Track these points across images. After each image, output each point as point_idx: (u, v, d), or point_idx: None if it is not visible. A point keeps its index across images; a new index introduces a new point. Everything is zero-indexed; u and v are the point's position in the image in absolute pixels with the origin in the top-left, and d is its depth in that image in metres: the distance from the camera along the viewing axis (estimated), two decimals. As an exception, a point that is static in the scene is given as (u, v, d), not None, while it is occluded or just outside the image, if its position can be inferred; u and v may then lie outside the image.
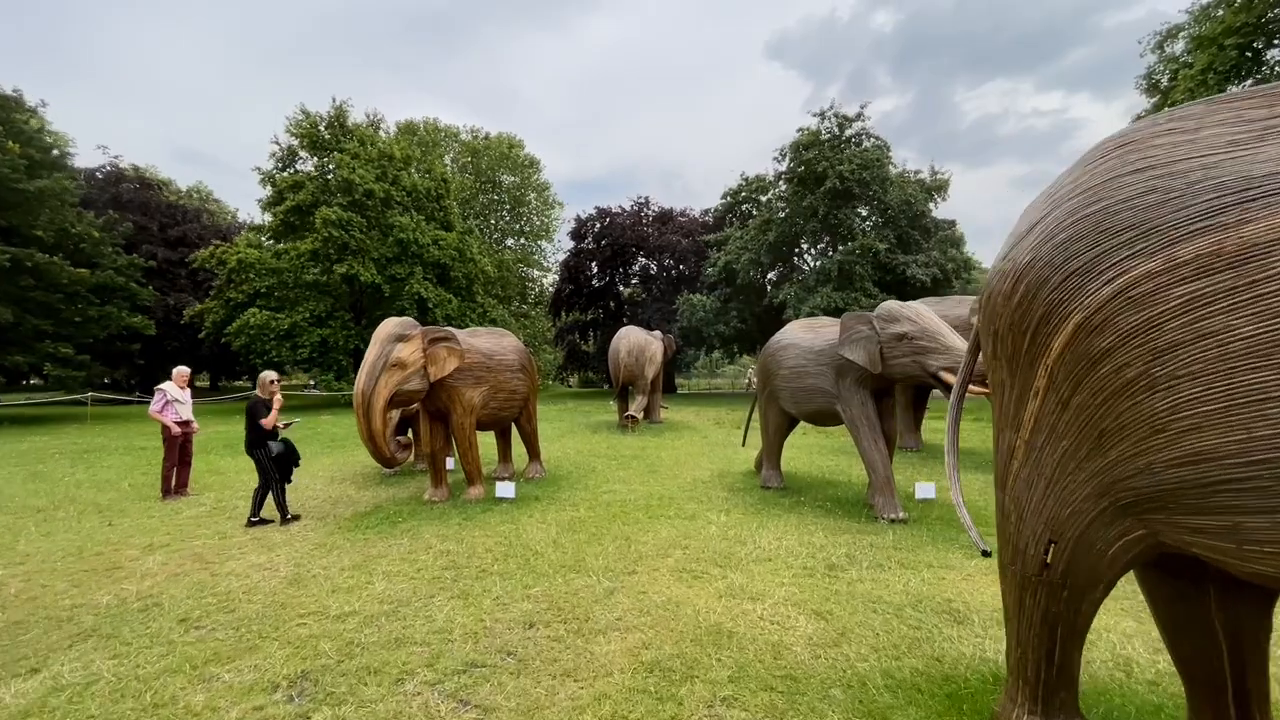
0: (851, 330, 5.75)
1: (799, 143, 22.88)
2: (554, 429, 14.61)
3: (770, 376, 6.98)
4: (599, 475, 8.32)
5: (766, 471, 7.33)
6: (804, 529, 5.42)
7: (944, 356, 5.10)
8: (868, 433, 5.83)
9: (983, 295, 2.24)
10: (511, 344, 7.53)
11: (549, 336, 37.23)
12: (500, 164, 39.15)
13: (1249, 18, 19.58)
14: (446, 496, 6.81)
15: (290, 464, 6.01)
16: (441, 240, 26.50)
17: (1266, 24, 19.81)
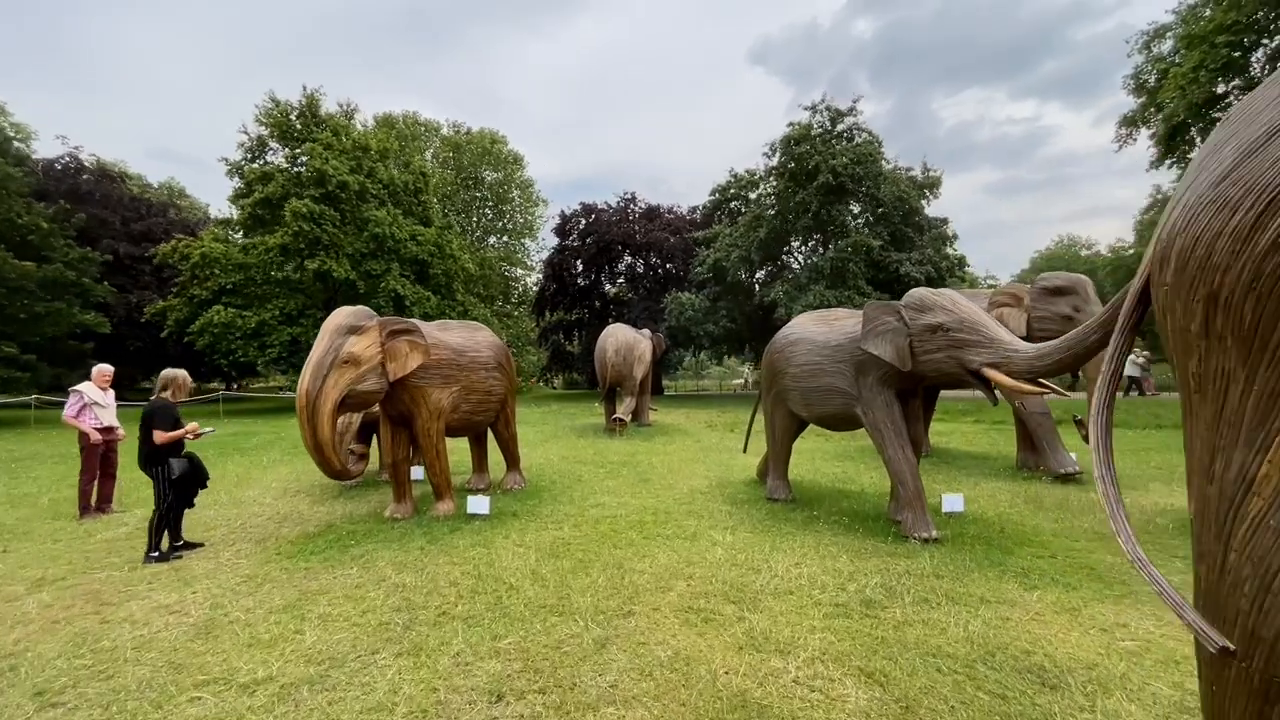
0: (876, 321, 5.02)
1: (790, 137, 22.28)
2: (537, 433, 13.75)
3: (778, 375, 6.24)
4: (585, 485, 7.51)
5: (773, 481, 6.58)
6: (824, 551, 4.67)
7: (987, 351, 4.39)
8: (894, 439, 5.10)
9: (1170, 239, 1.50)
10: (486, 339, 6.70)
11: (533, 337, 36.27)
12: (482, 160, 38.11)
13: (1239, 16, 19.40)
14: (410, 513, 5.96)
15: (195, 486, 5.04)
16: (420, 236, 25.47)
17: (1255, 22, 19.65)
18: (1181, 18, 22.76)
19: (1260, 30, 20.00)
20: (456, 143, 37.81)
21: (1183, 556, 4.33)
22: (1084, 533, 5.03)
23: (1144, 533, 4.99)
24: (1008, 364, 4.25)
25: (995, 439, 11.40)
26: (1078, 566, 4.19)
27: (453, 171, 38.18)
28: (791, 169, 22.30)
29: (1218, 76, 20.46)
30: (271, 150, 25.26)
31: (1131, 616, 3.33)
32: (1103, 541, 4.78)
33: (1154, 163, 25.54)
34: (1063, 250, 56.91)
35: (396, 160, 27.59)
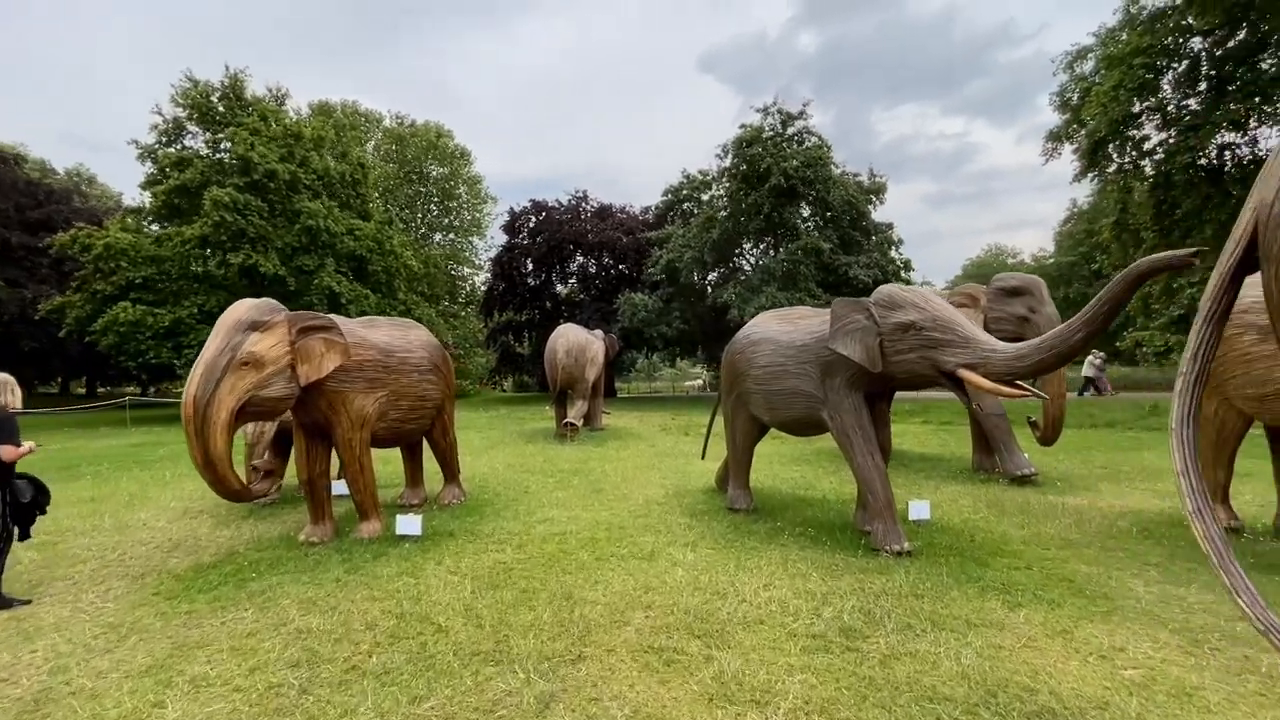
0: (845, 320, 4.70)
1: (742, 138, 22.26)
2: (482, 439, 12.98)
3: (739, 378, 5.86)
4: (532, 498, 6.92)
5: (733, 490, 6.19)
6: (793, 569, 4.29)
7: (963, 351, 4.13)
8: (862, 445, 4.79)
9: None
10: (420, 338, 6.02)
11: (480, 338, 35.04)
12: (427, 154, 36.59)
13: (1153, 40, 20.69)
14: (330, 536, 5.23)
15: (34, 514, 4.10)
16: (358, 230, 24.04)
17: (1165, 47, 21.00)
18: (1101, 40, 24.17)
19: (1170, 54, 21.42)
20: (399, 135, 36.15)
21: (1155, 564, 4.19)
22: (1053, 540, 4.87)
23: (1109, 538, 4.88)
24: (985, 365, 4.00)
25: (945, 439, 11.50)
26: (1056, 579, 3.96)
27: (395, 165, 36.49)
28: (744, 171, 22.28)
29: (1134, 96, 21.75)
30: (190, 134, 23.26)
31: (1124, 637, 3.09)
32: (1073, 549, 4.62)
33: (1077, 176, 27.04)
34: (991, 258, 60.05)
35: (333, 150, 25.95)
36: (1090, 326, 3.52)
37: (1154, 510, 5.70)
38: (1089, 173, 25.28)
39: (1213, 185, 22.06)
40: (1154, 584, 3.84)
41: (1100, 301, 3.47)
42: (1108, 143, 23.25)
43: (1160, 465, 8.19)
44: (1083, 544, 4.73)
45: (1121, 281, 3.36)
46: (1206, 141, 20.56)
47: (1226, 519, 4.82)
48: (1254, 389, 4.22)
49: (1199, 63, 20.71)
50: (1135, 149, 23.47)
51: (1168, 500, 6.15)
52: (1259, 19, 18.39)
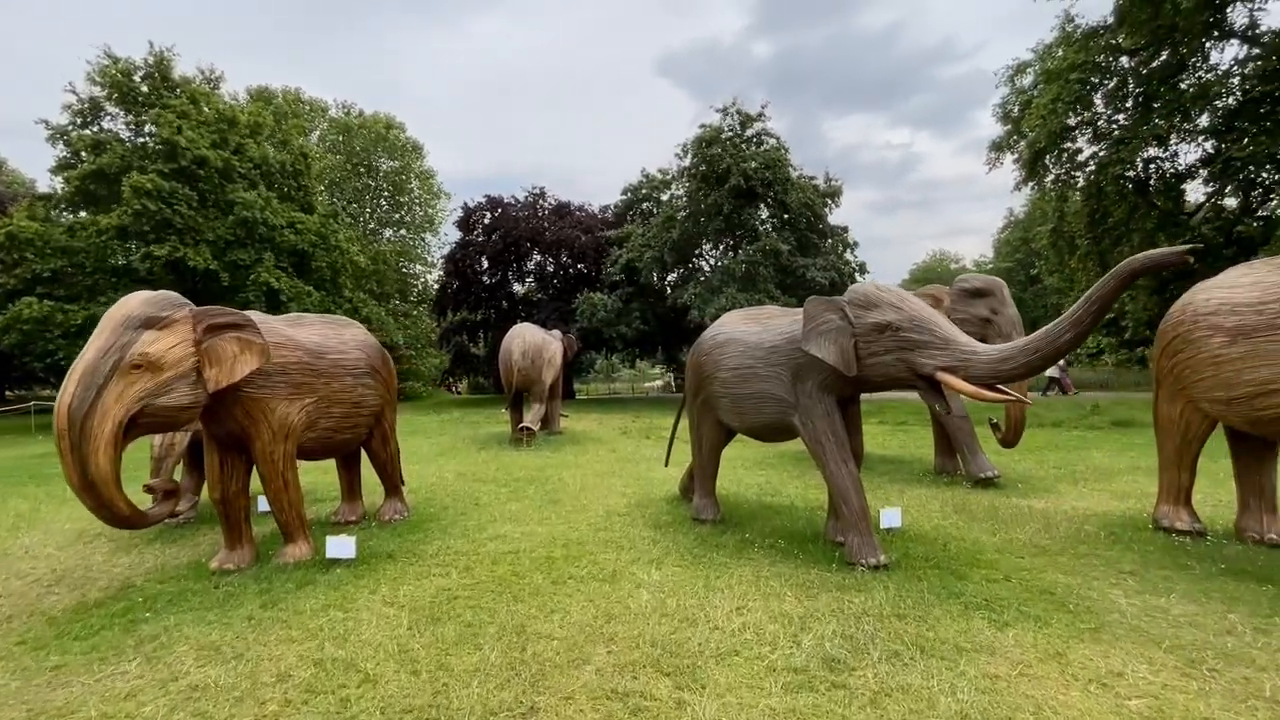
0: (818, 320, 4.44)
1: (702, 138, 22.14)
2: (432, 445, 12.29)
3: (705, 381, 5.54)
4: (484, 511, 6.41)
5: (699, 500, 5.87)
6: (766, 588, 3.98)
7: (942, 353, 3.91)
8: (835, 453, 4.54)
9: None
10: (355, 338, 5.44)
11: (433, 337, 33.79)
12: (376, 145, 35.04)
13: (1087, 56, 21.71)
14: (248, 562, 4.61)
15: None
16: (300, 223, 22.69)
17: (1098, 64, 22.09)
18: (1040, 55, 25.28)
19: (1102, 71, 22.54)
20: (346, 125, 34.48)
21: (1130, 572, 4.09)
22: (1025, 547, 4.74)
23: (1079, 543, 4.79)
24: (966, 368, 3.79)
25: (904, 440, 11.56)
26: (1036, 591, 3.79)
27: (342, 156, 34.78)
28: (703, 171, 22.16)
29: (1070, 109, 22.80)
30: (109, 116, 21.41)
31: (1119, 659, 2.90)
32: (1047, 557, 4.49)
33: (1018, 185, 28.23)
34: (935, 263, 62.49)
35: (272, 138, 24.42)
36: (1079, 327, 3.35)
37: (1116, 513, 5.70)
38: (1029, 181, 26.37)
39: (1139, 196, 23.36)
40: (1134, 595, 3.71)
41: (1089, 301, 3.30)
42: (1046, 153, 24.30)
43: (1112, 465, 8.36)
44: (1055, 551, 4.62)
45: (1112, 280, 3.19)
46: (1134, 155, 21.69)
47: (1190, 522, 4.81)
48: (1223, 391, 4.18)
49: (1126, 80, 21.86)
50: (1070, 160, 24.63)
51: (1127, 501, 6.19)
52: (1179, 42, 19.52)
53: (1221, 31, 19.88)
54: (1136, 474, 7.68)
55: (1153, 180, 23.21)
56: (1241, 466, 4.68)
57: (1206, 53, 20.50)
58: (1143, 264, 3.12)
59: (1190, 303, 4.54)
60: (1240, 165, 19.33)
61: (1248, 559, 4.23)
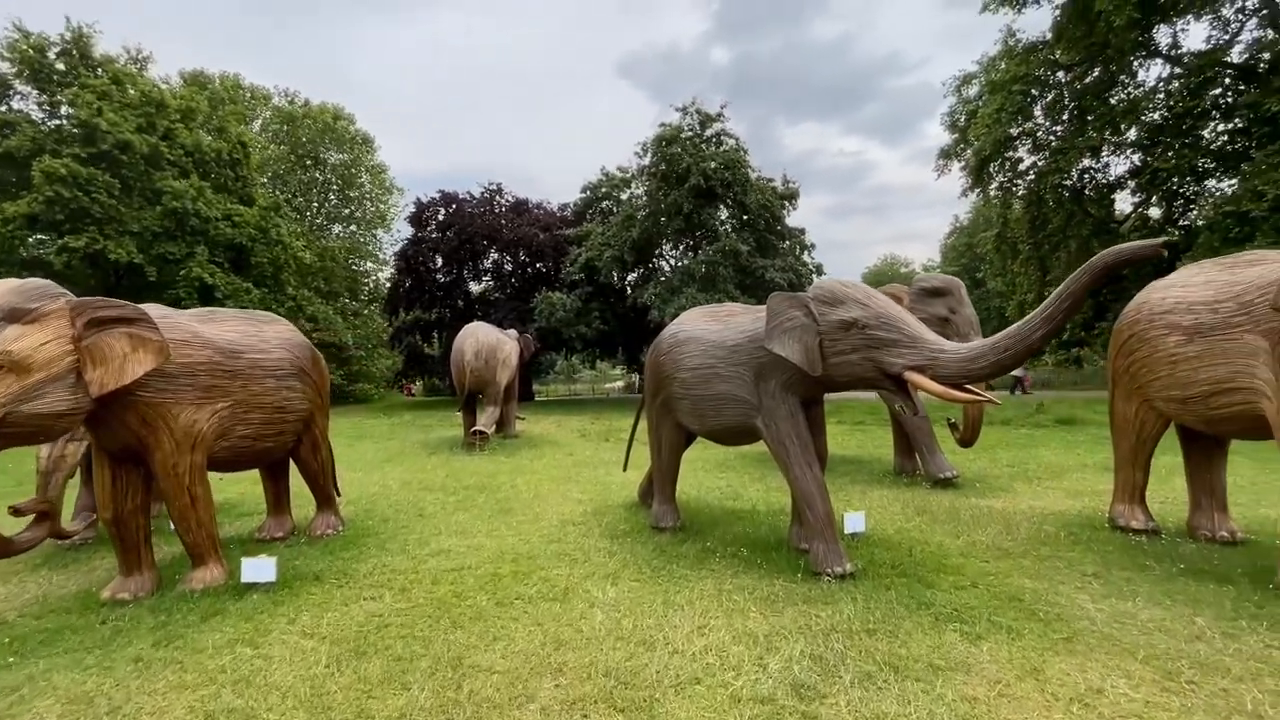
0: (782, 317, 4.22)
1: (661, 136, 21.97)
2: (378, 451, 11.63)
3: (664, 381, 5.26)
4: (428, 522, 5.96)
5: (658, 506, 5.59)
6: (729, 602, 3.73)
7: (910, 352, 3.75)
8: (799, 456, 4.33)
9: None
10: (279, 336, 4.92)
11: (384, 338, 32.51)
12: (323, 137, 33.51)
13: (1029, 69, 22.65)
14: (148, 590, 4.06)
15: None
16: (237, 216, 21.38)
17: (1038, 78, 23.09)
18: (984, 67, 26.28)
19: (1042, 84, 23.57)
20: (291, 114, 32.82)
21: (1094, 574, 4.02)
22: (988, 550, 4.65)
23: (1040, 545, 4.74)
24: (934, 367, 3.63)
25: (863, 440, 11.62)
26: (1004, 598, 3.66)
27: (286, 147, 33.10)
28: (663, 170, 22.01)
29: (1014, 119, 23.75)
30: (19, 95, 19.64)
31: (1096, 673, 2.76)
32: (1010, 560, 4.40)
33: (965, 191, 29.27)
34: (886, 267, 64.51)
35: (207, 125, 22.93)
36: (1050, 324, 3.22)
37: (1073, 512, 5.72)
38: (976, 188, 27.37)
39: (1076, 204, 24.54)
40: (1100, 599, 3.62)
41: (1060, 297, 3.17)
42: (990, 161, 25.25)
43: (1062, 463, 8.54)
44: (1018, 553, 4.54)
45: (1086, 274, 3.07)
46: (1070, 165, 22.75)
47: (1144, 521, 4.83)
48: (1178, 390, 4.18)
49: (1063, 94, 22.94)
50: (1012, 169, 25.68)
51: (1080, 499, 6.25)
52: (1110, 59, 20.58)
53: (1149, 51, 21.10)
54: (1085, 471, 7.84)
55: (1087, 189, 24.42)
56: (1193, 466, 4.72)
57: (1134, 71, 21.72)
58: (1115, 258, 3.01)
59: (1146, 301, 4.54)
60: (1165, 177, 20.49)
61: (1204, 558, 4.23)
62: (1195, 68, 19.35)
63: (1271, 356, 3.58)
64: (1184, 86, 19.81)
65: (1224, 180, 21.08)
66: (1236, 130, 18.61)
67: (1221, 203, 16.55)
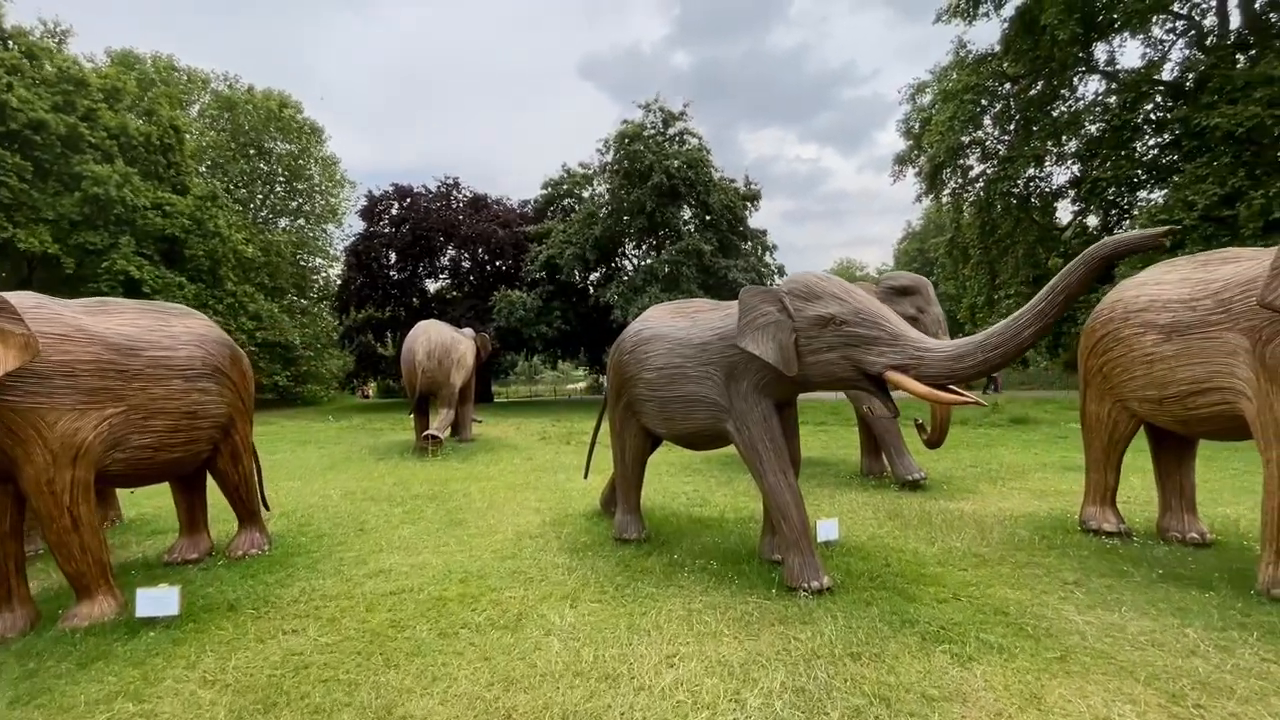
0: (755, 312, 3.92)
1: (624, 133, 21.66)
2: (322, 457, 10.86)
3: (628, 382, 4.90)
4: (369, 538, 5.42)
5: (621, 516, 5.22)
6: (700, 625, 3.39)
7: (892, 350, 3.50)
8: (773, 462, 4.04)
9: None
10: (192, 331, 4.32)
11: (335, 337, 31.03)
12: (268, 125, 31.76)
13: (979, 79, 23.39)
14: (19, 628, 3.44)
15: None
16: (169, 205, 19.91)
17: (987, 87, 23.88)
18: (937, 76, 27.07)
19: (991, 94, 24.38)
20: (231, 100, 30.96)
21: (1074, 583, 3.87)
22: (965, 557, 4.48)
23: (1016, 550, 4.59)
24: (919, 367, 3.39)
25: (826, 441, 11.54)
26: (990, 612, 3.45)
27: (227, 134, 31.22)
28: (626, 167, 21.69)
29: (966, 127, 24.49)
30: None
31: (1099, 698, 2.54)
32: (988, 568, 4.23)
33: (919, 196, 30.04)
34: (842, 271, 66.06)
35: (136, 107, 21.28)
36: (1042, 320, 3.02)
37: (1042, 514, 5.65)
38: (930, 194, 28.12)
39: (1022, 211, 25.51)
40: (1086, 609, 3.45)
41: (1054, 290, 2.96)
42: (944, 168, 26.00)
43: (1022, 462, 8.59)
44: (995, 560, 4.38)
45: (1081, 265, 2.86)
46: (1019, 173, 23.58)
47: (1115, 523, 4.75)
48: (1155, 390, 4.08)
49: (1010, 105, 23.81)
50: (964, 176, 26.54)
51: (1046, 500, 6.21)
52: (1054, 73, 21.44)
53: (1088, 67, 22.11)
54: (1045, 471, 7.89)
55: (1033, 198, 25.40)
56: (1162, 467, 4.67)
57: (1074, 85, 22.74)
58: (1115, 248, 2.82)
59: (1119, 300, 4.45)
60: (1104, 187, 21.42)
61: (1179, 561, 4.15)
62: (1130, 83, 20.31)
63: (1251, 355, 3.49)
64: (1121, 101, 20.76)
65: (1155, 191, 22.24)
66: (1167, 144, 19.57)
67: (1155, 212, 17.34)
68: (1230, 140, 16.10)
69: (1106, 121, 21.15)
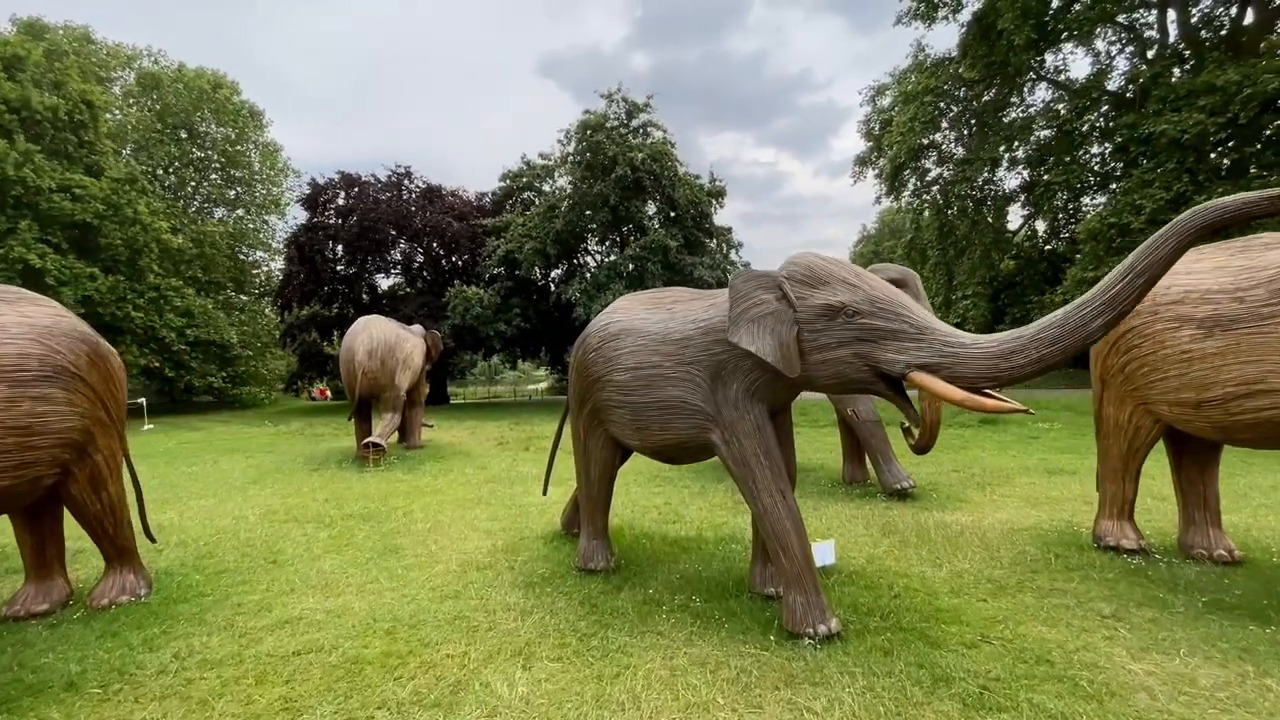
0: (749, 301, 3.25)
1: (586, 123, 20.79)
2: (247, 469, 9.68)
3: (594, 385, 4.16)
4: (282, 572, 4.50)
5: (587, 543, 4.47)
6: (686, 691, 2.69)
7: (917, 346, 2.88)
8: (769, 481, 3.37)
9: None
10: (26, 320, 3.34)
11: (278, 335, 29.03)
12: (200, 106, 29.42)
13: (937, 83, 23.68)
14: None
15: None
16: (78, 187, 17.93)
17: (946, 91, 24.20)
18: (896, 79, 27.37)
19: (949, 98, 24.72)
20: (157, 78, 28.53)
21: (1112, 615, 3.35)
22: (978, 583, 3.93)
23: (1033, 574, 4.08)
24: (952, 366, 2.77)
25: (801, 445, 11.05)
26: (1034, 662, 2.88)
27: (153, 115, 28.75)
28: (588, 159, 20.85)
29: (926, 129, 24.78)
30: None
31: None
32: (1009, 597, 3.69)
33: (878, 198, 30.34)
34: (804, 272, 66.63)
35: (40, 78, 19.11)
36: (1114, 310, 2.43)
37: (1044, 526, 5.20)
38: (891, 194, 28.40)
39: (978, 213, 26.00)
40: (1140, 654, 2.92)
41: (1132, 271, 2.38)
42: (904, 169, 26.28)
43: (1003, 466, 8.26)
44: (1013, 586, 3.85)
45: (1171, 239, 2.29)
46: (975, 175, 23.97)
47: (1135, 540, 4.31)
48: (1193, 393, 3.62)
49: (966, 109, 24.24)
50: (921, 178, 26.93)
51: (1042, 510, 5.78)
52: (1008, 78, 21.88)
53: (1038, 75, 22.67)
54: (1030, 475, 7.54)
55: (988, 201, 25.91)
56: (1185, 478, 4.25)
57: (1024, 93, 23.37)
58: (1218, 215, 2.25)
59: (1144, 292, 3.98)
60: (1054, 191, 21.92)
61: (1217, 585, 3.70)
62: (1082, 90, 20.85)
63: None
64: (1071, 108, 21.31)
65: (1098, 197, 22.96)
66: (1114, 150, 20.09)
67: (1106, 215, 17.73)
68: (1176, 147, 16.58)
69: (1058, 127, 21.66)
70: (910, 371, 2.89)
